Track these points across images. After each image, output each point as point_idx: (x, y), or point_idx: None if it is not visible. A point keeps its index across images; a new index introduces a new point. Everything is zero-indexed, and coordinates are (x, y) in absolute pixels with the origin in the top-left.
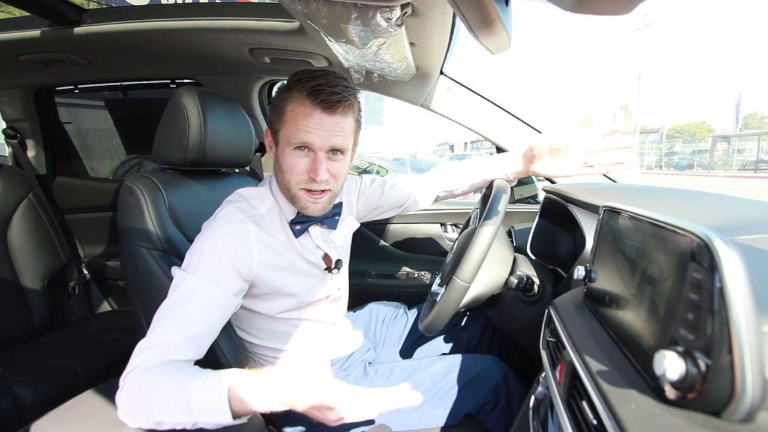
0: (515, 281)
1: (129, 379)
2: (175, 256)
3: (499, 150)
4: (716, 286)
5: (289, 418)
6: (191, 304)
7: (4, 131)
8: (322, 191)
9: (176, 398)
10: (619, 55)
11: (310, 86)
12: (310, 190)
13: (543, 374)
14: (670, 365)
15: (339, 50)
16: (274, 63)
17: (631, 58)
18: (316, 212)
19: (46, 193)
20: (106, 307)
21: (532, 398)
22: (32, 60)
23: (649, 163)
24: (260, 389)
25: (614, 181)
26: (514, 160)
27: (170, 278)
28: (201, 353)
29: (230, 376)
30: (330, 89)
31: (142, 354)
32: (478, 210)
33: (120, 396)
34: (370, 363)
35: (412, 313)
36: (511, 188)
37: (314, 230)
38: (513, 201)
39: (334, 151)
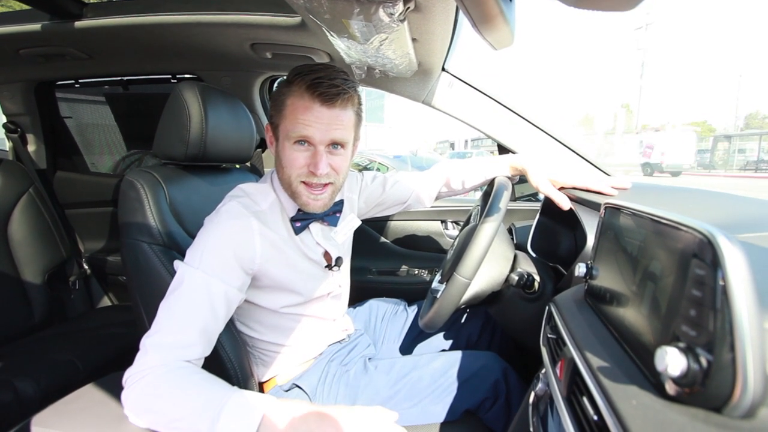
0: (516, 278)
1: (148, 380)
2: (176, 250)
3: (501, 147)
4: (719, 282)
5: None
6: (199, 300)
7: (4, 125)
8: (324, 185)
9: (203, 411)
10: (620, 54)
11: (309, 80)
12: (310, 184)
13: (543, 371)
14: (672, 361)
15: (341, 46)
16: (276, 58)
17: (632, 57)
18: (317, 209)
19: (46, 188)
20: (106, 302)
21: (532, 394)
22: (33, 54)
23: None
24: (290, 423)
25: None
26: (515, 160)
27: (171, 273)
28: (210, 349)
29: (264, 403)
30: (329, 82)
31: (158, 353)
32: (479, 207)
33: (129, 393)
34: (370, 359)
35: (412, 310)
36: (513, 186)
37: (315, 227)
38: (514, 198)
39: (335, 144)
